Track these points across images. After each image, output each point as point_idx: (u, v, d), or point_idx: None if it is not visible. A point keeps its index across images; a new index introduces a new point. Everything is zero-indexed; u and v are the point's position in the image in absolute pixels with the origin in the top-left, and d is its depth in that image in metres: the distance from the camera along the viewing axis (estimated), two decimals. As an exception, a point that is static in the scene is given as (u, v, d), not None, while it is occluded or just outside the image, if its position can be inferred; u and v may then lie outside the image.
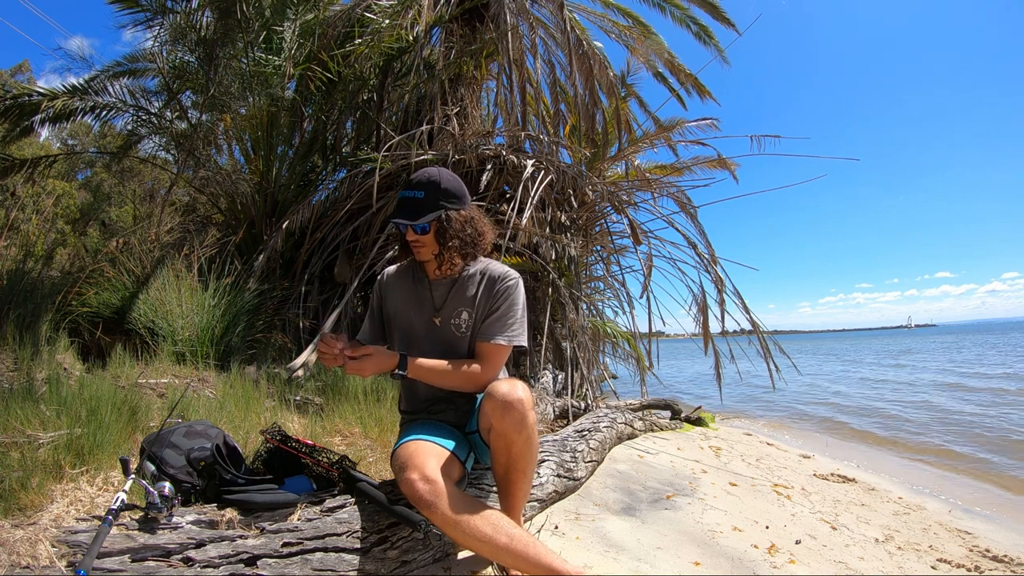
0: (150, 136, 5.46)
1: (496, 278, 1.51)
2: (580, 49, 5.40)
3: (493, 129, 5.78)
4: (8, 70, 10.88)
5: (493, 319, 1.47)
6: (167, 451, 1.28)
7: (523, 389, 1.31)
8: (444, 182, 1.45)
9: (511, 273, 1.53)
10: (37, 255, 5.18)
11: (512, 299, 1.49)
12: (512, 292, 1.49)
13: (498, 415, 1.30)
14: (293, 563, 1.10)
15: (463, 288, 1.51)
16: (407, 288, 1.57)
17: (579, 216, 5.08)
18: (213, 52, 4.46)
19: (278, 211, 5.05)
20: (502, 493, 1.44)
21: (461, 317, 1.49)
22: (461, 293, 1.50)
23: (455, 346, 1.49)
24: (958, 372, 13.18)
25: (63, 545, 0.92)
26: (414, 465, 1.22)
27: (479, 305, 1.48)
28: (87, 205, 8.76)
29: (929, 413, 6.96)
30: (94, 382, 1.94)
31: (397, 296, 1.58)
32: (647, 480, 2.75)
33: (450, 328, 1.49)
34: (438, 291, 1.52)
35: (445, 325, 1.50)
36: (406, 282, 1.59)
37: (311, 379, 3.08)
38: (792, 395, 9.11)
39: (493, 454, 1.38)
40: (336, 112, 5.37)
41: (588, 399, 4.26)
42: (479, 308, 1.48)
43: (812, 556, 1.97)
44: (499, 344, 1.45)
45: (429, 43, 5.52)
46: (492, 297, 1.49)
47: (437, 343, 1.50)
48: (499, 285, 1.49)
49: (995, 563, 2.20)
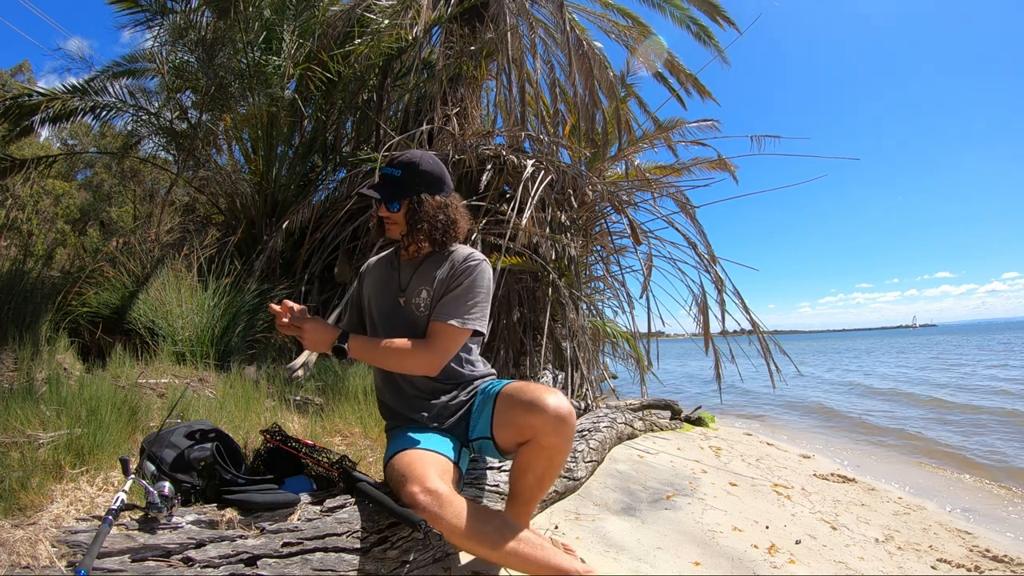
0: (150, 136, 5.46)
1: (459, 259, 1.47)
2: (580, 49, 5.40)
3: (493, 129, 5.77)
4: (8, 70, 10.88)
5: (449, 298, 1.41)
6: (167, 451, 1.28)
7: (566, 399, 1.31)
8: (424, 164, 1.45)
9: (476, 255, 1.49)
10: (37, 255, 5.18)
11: (473, 280, 1.43)
12: (473, 272, 1.43)
13: (550, 429, 1.27)
14: (293, 563, 1.09)
15: (428, 268, 1.48)
16: (382, 272, 1.57)
17: (579, 216, 5.08)
18: (213, 52, 4.46)
19: (278, 211, 5.05)
20: (521, 499, 1.41)
21: (421, 296, 1.45)
22: (425, 273, 1.47)
23: (418, 327, 1.45)
24: (960, 372, 13.18)
25: (63, 545, 0.92)
26: (414, 477, 1.19)
27: (438, 284, 1.44)
28: (87, 205, 8.76)
29: (930, 414, 6.96)
30: (94, 382, 1.94)
31: (371, 280, 1.59)
32: (647, 480, 2.75)
33: (412, 308, 1.46)
34: (405, 272, 1.51)
35: (408, 305, 1.47)
36: (382, 267, 1.59)
37: (311, 379, 3.08)
38: (792, 395, 9.12)
39: (527, 465, 1.35)
40: (336, 112, 5.37)
41: (588, 399, 4.26)
42: (438, 287, 1.44)
43: (812, 556, 1.97)
44: (451, 325, 1.38)
45: (429, 43, 5.52)
46: (452, 276, 1.44)
47: (400, 325, 1.47)
48: (460, 265, 1.45)
49: (995, 563, 2.20)
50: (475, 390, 1.51)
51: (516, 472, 1.39)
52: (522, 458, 1.36)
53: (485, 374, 1.57)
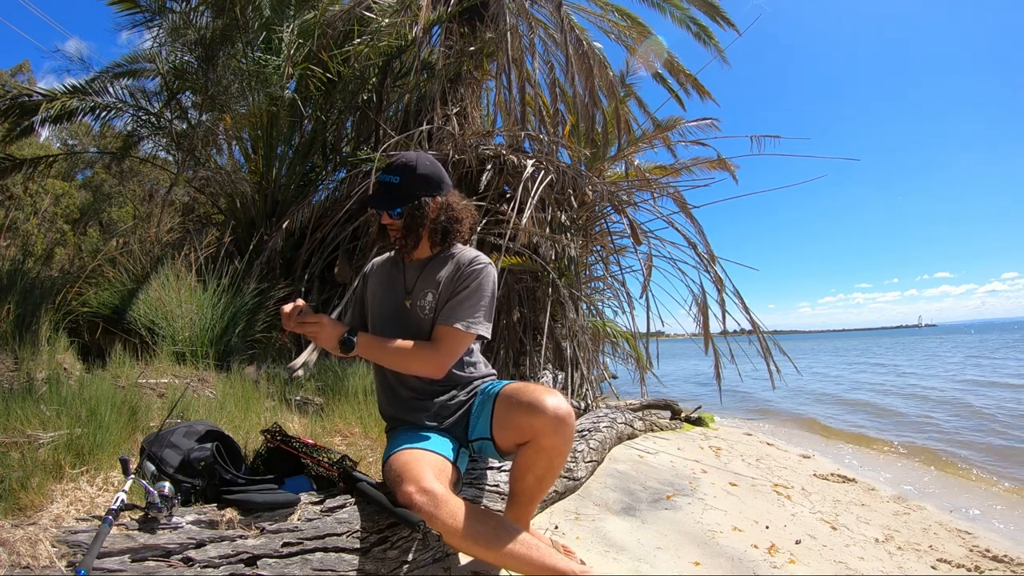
0: (150, 136, 5.46)
1: (465, 262, 1.47)
2: (579, 49, 5.39)
3: (493, 129, 5.77)
4: (8, 70, 10.87)
5: (455, 302, 1.42)
6: (167, 451, 1.28)
7: (565, 399, 1.31)
8: (421, 167, 1.44)
9: (481, 258, 1.49)
10: (36, 255, 5.18)
11: (478, 283, 1.43)
12: (479, 276, 1.44)
13: (550, 431, 1.28)
14: (293, 563, 1.09)
15: (432, 270, 1.48)
16: (386, 273, 1.57)
17: (579, 216, 5.08)
18: (212, 52, 4.46)
19: (278, 211, 5.05)
20: (521, 500, 1.41)
21: (426, 299, 1.45)
22: (430, 275, 1.48)
23: (421, 329, 1.46)
24: (965, 372, 13.15)
25: (63, 545, 0.92)
26: (410, 477, 1.19)
27: (444, 287, 1.45)
28: (87, 205, 8.76)
29: (931, 413, 6.96)
30: (94, 382, 1.94)
31: (376, 281, 1.58)
32: (647, 480, 2.75)
33: (417, 311, 1.46)
34: (410, 274, 1.51)
35: (414, 308, 1.47)
36: (387, 268, 1.59)
37: (311, 379, 3.08)
38: (792, 395, 9.12)
39: (527, 466, 1.35)
40: (336, 112, 5.37)
41: (588, 399, 4.27)
42: (443, 290, 1.45)
43: (812, 556, 1.98)
44: (456, 329, 1.39)
45: (429, 43, 5.52)
46: (457, 279, 1.45)
47: (404, 326, 1.47)
48: (466, 268, 1.45)
49: (995, 563, 2.20)
50: (475, 390, 1.51)
51: (516, 473, 1.39)
52: (522, 459, 1.36)
53: (485, 375, 1.57)
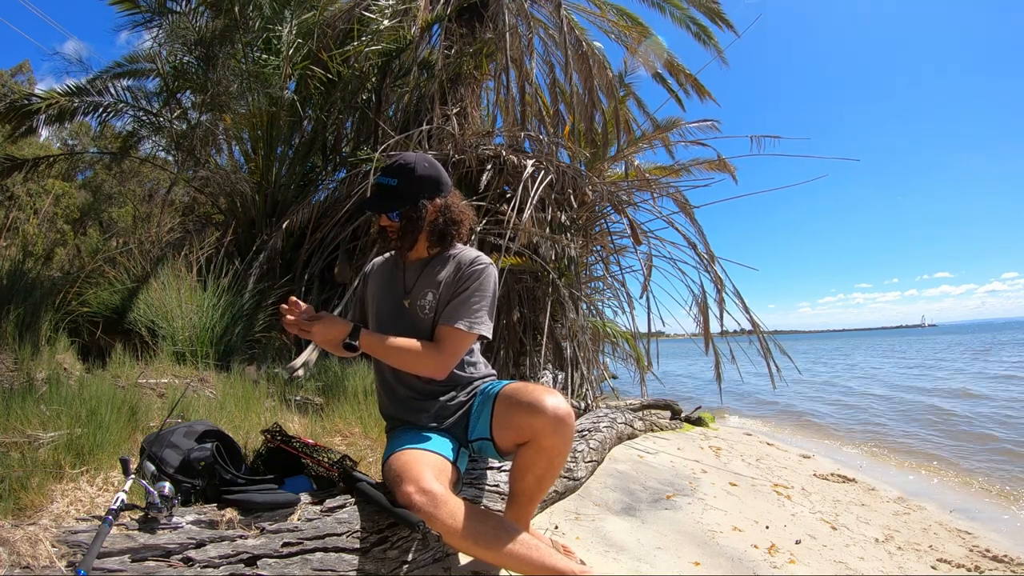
0: (150, 136, 5.47)
1: (466, 262, 1.47)
2: (579, 49, 5.40)
3: (493, 129, 5.77)
4: (8, 70, 10.87)
5: (457, 302, 1.42)
6: (167, 451, 1.28)
7: (565, 399, 1.31)
8: (419, 169, 1.44)
9: (482, 258, 1.49)
10: (36, 255, 5.18)
11: (480, 283, 1.43)
12: (480, 276, 1.44)
13: (550, 431, 1.28)
14: (293, 563, 1.09)
15: (433, 270, 1.48)
16: (386, 273, 1.58)
17: (579, 216, 5.08)
18: (212, 52, 4.47)
19: (278, 211, 5.05)
20: (521, 500, 1.41)
21: (426, 299, 1.45)
22: (430, 275, 1.47)
23: (421, 329, 1.45)
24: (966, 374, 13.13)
25: (63, 545, 0.92)
26: (410, 477, 1.19)
27: (444, 287, 1.45)
28: (87, 205, 8.76)
29: (931, 414, 6.96)
30: (94, 382, 1.94)
31: (376, 280, 1.59)
32: (647, 480, 2.75)
33: (416, 310, 1.46)
34: (410, 274, 1.51)
35: (413, 307, 1.47)
36: (387, 267, 1.59)
37: (311, 379, 3.08)
38: (792, 395, 9.12)
39: (527, 466, 1.35)
40: (335, 112, 5.37)
41: (588, 399, 4.26)
42: (444, 290, 1.45)
43: (812, 556, 1.98)
44: (458, 329, 1.39)
45: (428, 43, 5.52)
46: (458, 280, 1.44)
47: (404, 326, 1.47)
48: (467, 268, 1.45)
49: (995, 563, 2.20)
50: (475, 391, 1.51)
51: (516, 473, 1.38)
52: (522, 459, 1.36)
53: (486, 375, 1.57)
